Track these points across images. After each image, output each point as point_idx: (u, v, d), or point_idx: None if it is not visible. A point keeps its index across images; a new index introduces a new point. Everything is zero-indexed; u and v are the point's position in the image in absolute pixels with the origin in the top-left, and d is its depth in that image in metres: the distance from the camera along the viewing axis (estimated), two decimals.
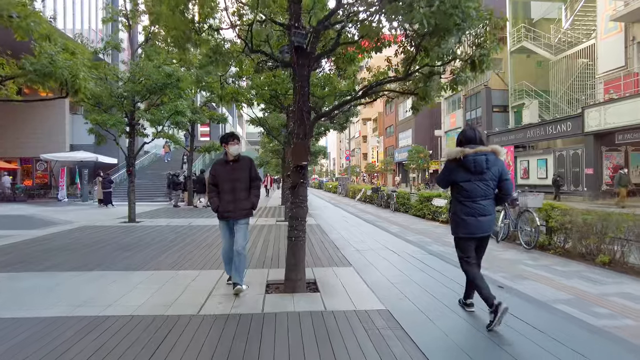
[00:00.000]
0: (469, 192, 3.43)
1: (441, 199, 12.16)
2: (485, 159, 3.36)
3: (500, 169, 3.44)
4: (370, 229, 10.04)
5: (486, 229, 3.49)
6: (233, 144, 4.33)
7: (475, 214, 3.43)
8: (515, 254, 6.94)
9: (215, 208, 4.32)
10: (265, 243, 7.67)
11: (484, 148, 3.41)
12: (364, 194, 21.92)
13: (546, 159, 22.81)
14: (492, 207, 3.51)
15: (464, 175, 3.42)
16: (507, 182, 3.47)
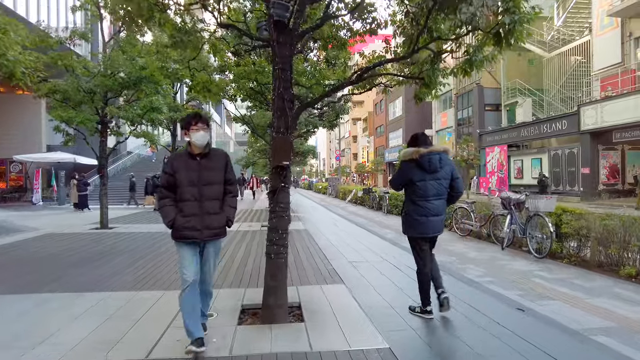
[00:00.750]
0: (424, 191, 3.53)
1: None
2: (438, 158, 3.49)
3: (451, 169, 3.58)
4: (362, 234, 9.27)
5: (438, 229, 3.64)
6: (197, 129, 2.92)
7: (427, 214, 3.55)
8: (525, 264, 6.21)
9: (170, 222, 2.91)
10: (245, 254, 6.84)
11: (437, 148, 3.54)
12: (354, 195, 21.17)
13: (541, 158, 22.30)
14: (444, 207, 3.65)
15: (420, 175, 3.52)
16: (458, 180, 3.61)
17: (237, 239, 8.54)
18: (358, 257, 6.40)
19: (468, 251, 7.39)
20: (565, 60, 23.78)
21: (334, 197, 28.38)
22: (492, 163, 26.79)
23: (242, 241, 8.18)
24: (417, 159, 3.50)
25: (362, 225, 11.00)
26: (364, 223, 11.87)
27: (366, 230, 10.04)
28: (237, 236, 8.91)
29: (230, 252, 6.93)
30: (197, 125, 2.95)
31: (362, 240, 8.34)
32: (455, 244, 8.23)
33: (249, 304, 4.07)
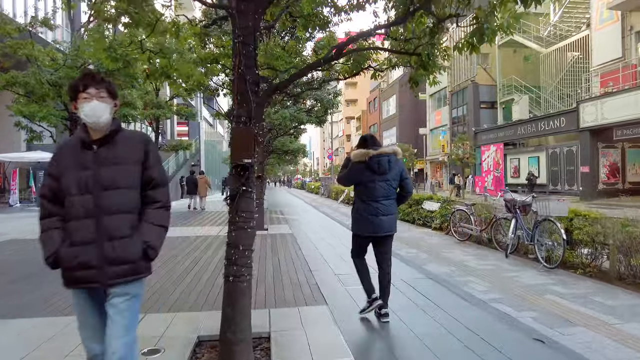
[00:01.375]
0: (373, 192, 3.56)
1: (433, 202, 10.73)
2: (387, 160, 3.53)
3: (400, 169, 3.63)
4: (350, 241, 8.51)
5: (387, 228, 3.61)
6: (88, 98, 1.79)
7: (377, 214, 3.55)
8: (535, 276, 5.49)
9: (51, 257, 1.79)
10: (205, 265, 6.05)
11: (387, 150, 3.58)
12: (347, 195, 20.43)
13: (538, 156, 21.71)
14: (394, 206, 3.65)
15: (369, 176, 3.55)
16: (407, 181, 3.69)
17: (202, 247, 7.77)
18: (345, 268, 5.64)
19: (468, 259, 6.67)
20: (563, 56, 23.22)
21: (327, 197, 27.64)
22: (487, 162, 26.17)
23: (207, 250, 7.40)
24: (367, 161, 3.53)
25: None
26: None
27: None
28: (203, 244, 8.14)
29: (189, 262, 6.15)
30: (87, 92, 1.79)
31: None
32: (454, 250, 7.51)
33: (207, 335, 3.30)
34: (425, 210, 11.02)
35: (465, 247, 7.86)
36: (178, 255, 6.77)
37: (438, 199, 10.78)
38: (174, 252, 7.03)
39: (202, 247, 7.68)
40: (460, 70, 30.73)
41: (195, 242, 8.30)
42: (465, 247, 7.86)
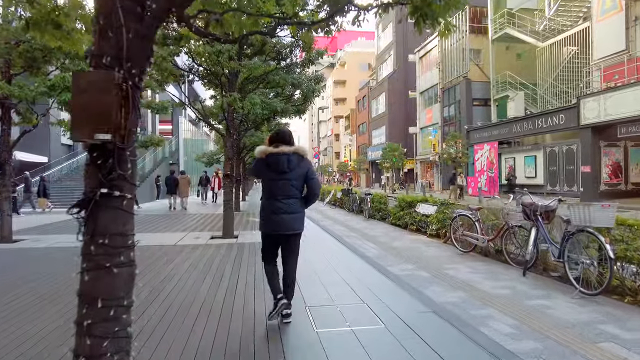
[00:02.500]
0: (273, 190, 3.48)
1: (429, 205, 9.40)
2: (286, 159, 3.41)
3: (306, 169, 3.52)
4: (336, 250, 7.13)
5: (289, 227, 3.47)
6: None
7: (278, 212, 3.44)
8: (572, 307, 4.14)
9: None
10: (155, 290, 4.61)
11: (287, 148, 3.44)
12: (334, 196, 19.06)
13: (535, 155, 20.59)
14: (297, 206, 3.51)
15: (269, 174, 3.48)
16: (313, 181, 3.57)
17: (163, 260, 6.31)
18: (324, 296, 4.25)
19: (477, 279, 5.32)
20: (559, 51, 22.15)
21: None
22: (481, 161, 25.06)
23: (164, 267, 5.95)
24: (265, 158, 3.45)
25: (338, 236, 8.87)
26: (341, 233, 9.74)
27: (342, 244, 7.91)
28: (163, 257, 6.68)
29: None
30: None
31: (335, 259, 6.20)
32: (457, 264, 6.16)
33: None
34: (419, 215, 9.68)
35: (469, 260, 6.52)
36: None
37: (434, 201, 9.45)
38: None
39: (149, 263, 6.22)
40: (452, 66, 29.61)
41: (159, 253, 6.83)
42: (470, 260, 6.52)
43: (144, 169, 25.07)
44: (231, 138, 8.92)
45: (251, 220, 12.40)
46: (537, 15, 23.75)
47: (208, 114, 10.34)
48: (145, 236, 9.08)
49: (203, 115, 9.48)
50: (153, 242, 8.15)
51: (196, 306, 3.99)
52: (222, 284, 4.84)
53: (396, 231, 9.97)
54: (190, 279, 5.07)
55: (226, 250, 7.04)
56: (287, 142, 3.50)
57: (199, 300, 4.18)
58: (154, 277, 5.21)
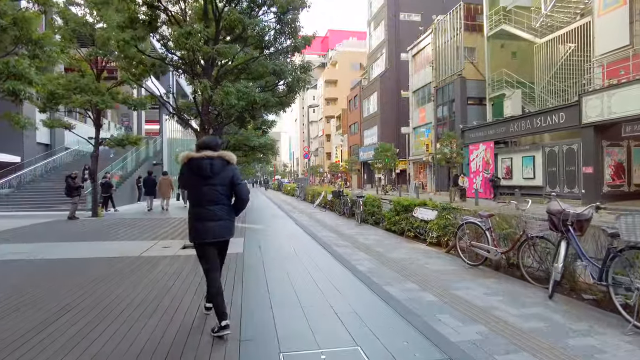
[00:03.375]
0: (198, 196, 3.42)
1: (428, 209, 8.43)
2: (209, 164, 3.37)
3: (231, 174, 3.47)
4: (325, 263, 6.13)
5: (217, 234, 3.40)
6: None
7: (203, 219, 3.38)
8: (634, 354, 3.16)
9: None
10: (88, 325, 3.56)
11: (211, 153, 3.42)
12: (324, 198, 18.03)
13: (533, 156, 19.78)
14: (224, 212, 3.46)
15: (193, 180, 3.43)
16: (239, 186, 3.49)
17: (115, 278, 5.24)
18: (308, 347, 3.23)
19: (496, 302, 4.34)
20: (557, 48, 21.40)
21: (302, 200, 25.19)
22: (476, 162, 24.25)
23: (117, 285, 4.89)
24: (187, 163, 3.41)
25: (328, 245, 7.86)
26: (331, 240, 8.74)
27: (332, 255, 6.91)
28: (124, 270, 5.61)
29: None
30: None
31: (324, 280, 5.19)
32: (468, 282, 5.18)
33: None
34: (417, 220, 8.71)
35: (480, 276, 5.55)
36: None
37: (434, 205, 8.49)
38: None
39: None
40: (446, 64, 28.81)
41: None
42: (481, 276, 5.55)
43: (125, 169, 23.81)
44: (205, 133, 7.88)
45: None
46: (533, 12, 23.02)
47: (183, 109, 9.29)
48: (109, 246, 7.99)
49: (176, 109, 8.42)
50: (113, 254, 7.07)
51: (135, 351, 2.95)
52: (177, 316, 3.80)
53: (391, 238, 8.99)
54: (139, 309, 4.02)
55: (194, 264, 5.99)
56: (213, 149, 3.47)
57: (139, 343, 3.14)
58: (92, 307, 4.14)
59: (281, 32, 8.28)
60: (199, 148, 3.49)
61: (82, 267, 5.98)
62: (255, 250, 7.34)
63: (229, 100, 6.36)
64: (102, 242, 8.59)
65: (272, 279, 5.18)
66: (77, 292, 4.59)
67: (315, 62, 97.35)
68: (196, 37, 6.53)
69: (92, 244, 8.23)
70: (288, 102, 7.66)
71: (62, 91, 13.06)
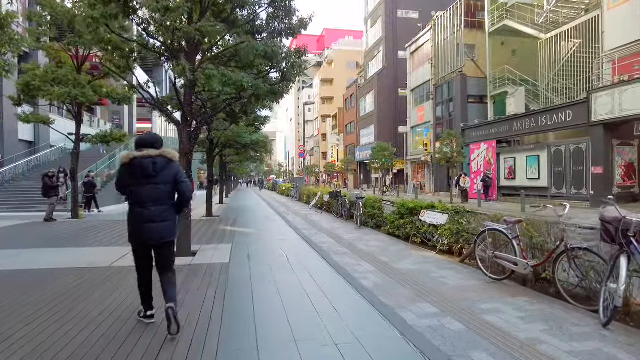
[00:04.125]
0: (139, 196, 3.28)
1: (437, 213, 7.57)
2: (151, 162, 3.27)
3: (174, 172, 3.38)
4: (323, 276, 5.26)
5: (158, 236, 3.29)
6: None
7: (144, 220, 3.26)
8: None
9: None
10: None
11: (153, 152, 3.31)
12: (320, 199, 17.16)
13: (538, 155, 18.99)
14: (168, 213, 3.35)
15: (134, 179, 3.29)
16: (183, 184, 3.40)
17: (75, 294, 4.33)
18: None
19: (537, 333, 3.48)
20: (560, 44, 20.68)
21: (298, 200, 24.30)
22: (477, 161, 23.48)
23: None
24: (129, 163, 3.27)
25: (326, 255, 6.97)
26: (329, 247, 7.86)
27: (331, 265, 6.03)
28: (85, 283, 4.71)
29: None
30: None
31: (322, 301, 4.32)
32: (495, 303, 4.32)
33: None
34: (424, 224, 7.85)
35: (507, 294, 4.69)
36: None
37: (444, 208, 7.63)
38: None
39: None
40: (446, 61, 28.03)
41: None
42: (509, 294, 4.69)
43: (112, 168, 22.81)
44: (188, 128, 6.97)
45: (221, 228, 10.43)
46: (535, 7, 22.27)
47: (166, 100, 8.38)
48: (78, 254, 7.06)
49: (155, 99, 7.51)
50: (81, 263, 6.16)
51: None
52: (139, 348, 2.91)
53: (396, 244, 8.12)
54: (91, 339, 3.12)
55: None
56: (154, 146, 3.35)
57: None
58: (38, 331, 3.24)
59: (274, 17, 7.39)
60: (139, 146, 3.34)
61: (41, 281, 5.06)
62: (243, 260, 6.45)
63: (212, 86, 5.47)
64: (74, 248, 7.66)
65: (261, 301, 4.29)
66: (26, 313, 3.68)
67: (311, 61, 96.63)
68: (176, 13, 5.64)
69: (61, 252, 7.30)
70: (282, 92, 6.79)
71: (38, 83, 12.12)
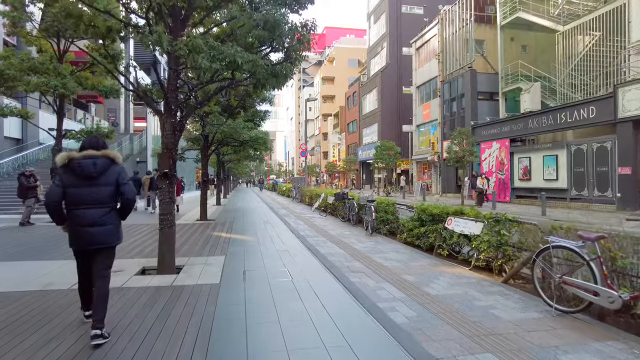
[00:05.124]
0: (77, 198, 3.20)
1: (468, 220, 6.35)
2: (92, 163, 3.22)
3: (116, 174, 3.32)
4: (338, 306, 4.03)
5: (98, 240, 3.23)
6: None
7: (81, 223, 3.19)
8: None
9: None
10: None
11: (94, 152, 3.26)
12: (324, 201, 15.94)
13: (556, 155, 17.77)
14: (108, 216, 3.28)
15: (73, 181, 3.21)
16: (125, 186, 3.32)
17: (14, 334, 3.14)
18: None
19: None
20: (576, 38, 19.47)
21: (299, 202, 23.08)
22: (489, 161, 22.26)
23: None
24: (67, 164, 3.22)
25: (338, 271, 5.76)
26: (341, 260, 6.65)
27: (347, 289, 4.81)
28: (31, 316, 3.51)
29: None
30: None
31: (340, 344, 3.11)
32: (580, 353, 3.11)
33: None
34: (453, 234, 6.63)
35: (590, 335, 3.48)
36: None
37: (476, 214, 6.42)
38: None
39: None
40: (454, 56, 26.82)
41: None
42: (591, 335, 3.48)
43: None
44: (172, 118, 5.76)
45: (215, 235, 9.22)
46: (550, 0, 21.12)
47: (150, 88, 7.17)
48: (40, 268, 5.85)
49: (134, 85, 6.29)
50: (34, 285, 4.94)
51: None
52: None
53: (418, 257, 6.90)
54: None
55: (145, 307, 3.90)
56: (96, 148, 3.28)
57: None
58: None
59: None
60: (82, 149, 3.27)
61: None
62: (237, 279, 5.23)
63: (196, 61, 4.29)
64: (37, 262, 6.44)
65: (256, 346, 3.08)
66: None
67: (312, 59, 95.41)
68: None
69: (18, 267, 6.08)
70: (285, 74, 5.59)
71: (13, 72, 10.92)
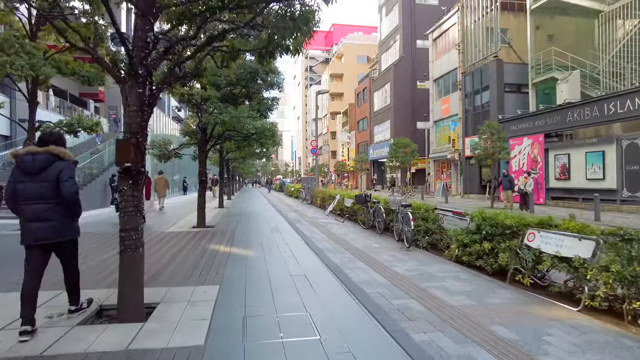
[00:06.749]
0: (23, 194, 3.28)
1: (566, 236, 4.39)
2: (31, 159, 3.27)
3: (57, 170, 3.31)
4: None
5: (42, 235, 3.29)
6: None
7: (27, 219, 3.27)
8: None
9: None
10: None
11: (35, 149, 3.32)
12: (339, 203, 14.01)
13: (603, 151, 15.65)
14: (52, 212, 3.33)
15: (20, 177, 3.30)
16: (64, 183, 3.30)
17: None
18: None
19: None
20: (619, 22, 17.39)
21: (309, 204, 21.14)
22: (519, 159, 20.18)
23: None
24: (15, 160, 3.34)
25: (388, 323, 3.83)
26: (383, 294, 4.72)
27: (408, 354, 2.86)
28: None
29: None
30: None
31: None
32: None
33: None
34: (543, 254, 4.66)
35: None
36: None
37: (578, 227, 4.46)
38: None
39: None
40: (476, 46, 24.74)
41: None
42: None
43: (102, 162, 19.90)
44: (138, 87, 3.85)
45: (211, 249, 7.31)
46: None
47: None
48: None
49: (91, 48, 4.43)
50: None
51: None
52: None
53: (489, 287, 4.93)
54: None
55: None
56: (45, 144, 3.35)
57: None
58: None
59: None
60: (37, 142, 3.40)
61: None
62: (233, 332, 3.31)
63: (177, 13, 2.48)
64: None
65: None
66: None
67: (319, 57, 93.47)
68: None
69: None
70: (306, 20, 3.71)
71: None
